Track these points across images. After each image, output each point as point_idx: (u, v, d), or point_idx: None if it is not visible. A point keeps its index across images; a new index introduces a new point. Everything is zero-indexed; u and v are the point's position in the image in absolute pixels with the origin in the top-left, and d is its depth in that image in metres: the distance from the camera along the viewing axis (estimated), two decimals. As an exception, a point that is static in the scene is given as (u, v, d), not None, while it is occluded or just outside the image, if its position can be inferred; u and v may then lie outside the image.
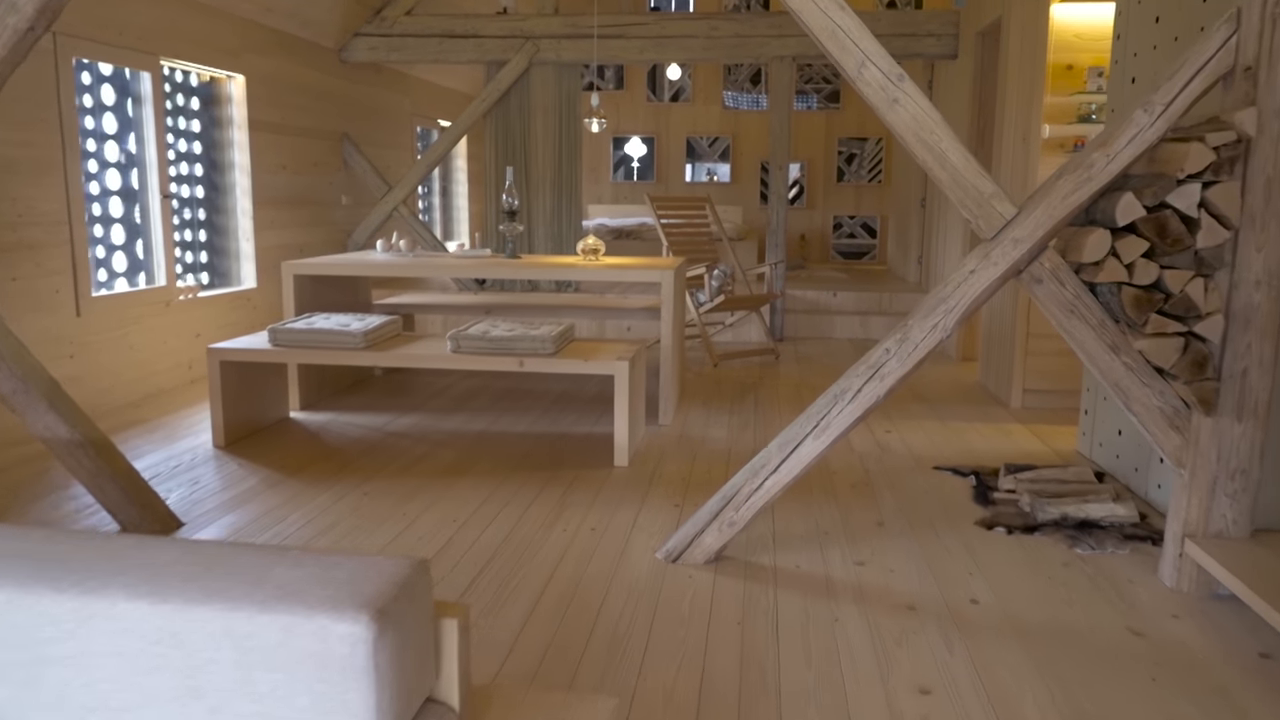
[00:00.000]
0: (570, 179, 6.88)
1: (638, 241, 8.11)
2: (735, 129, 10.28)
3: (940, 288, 2.51)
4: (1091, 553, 2.80)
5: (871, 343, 6.70)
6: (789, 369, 5.73)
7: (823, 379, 5.41)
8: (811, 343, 6.68)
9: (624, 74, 10.30)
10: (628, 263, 4.56)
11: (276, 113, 5.92)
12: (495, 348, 3.69)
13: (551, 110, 6.77)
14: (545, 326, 3.93)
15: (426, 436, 4.06)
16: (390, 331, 4.04)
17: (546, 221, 6.90)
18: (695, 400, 4.84)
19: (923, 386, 5.26)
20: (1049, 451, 3.92)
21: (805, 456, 2.59)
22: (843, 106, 10.08)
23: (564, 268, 4.32)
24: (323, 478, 3.48)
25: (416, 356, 3.72)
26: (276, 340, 3.85)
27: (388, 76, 7.57)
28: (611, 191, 10.53)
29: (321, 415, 4.41)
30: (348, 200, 6.94)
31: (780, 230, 6.64)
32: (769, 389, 5.14)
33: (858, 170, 10.17)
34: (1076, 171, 2.40)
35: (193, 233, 5.55)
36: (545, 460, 3.74)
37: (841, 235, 10.27)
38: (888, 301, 7.09)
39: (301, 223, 6.29)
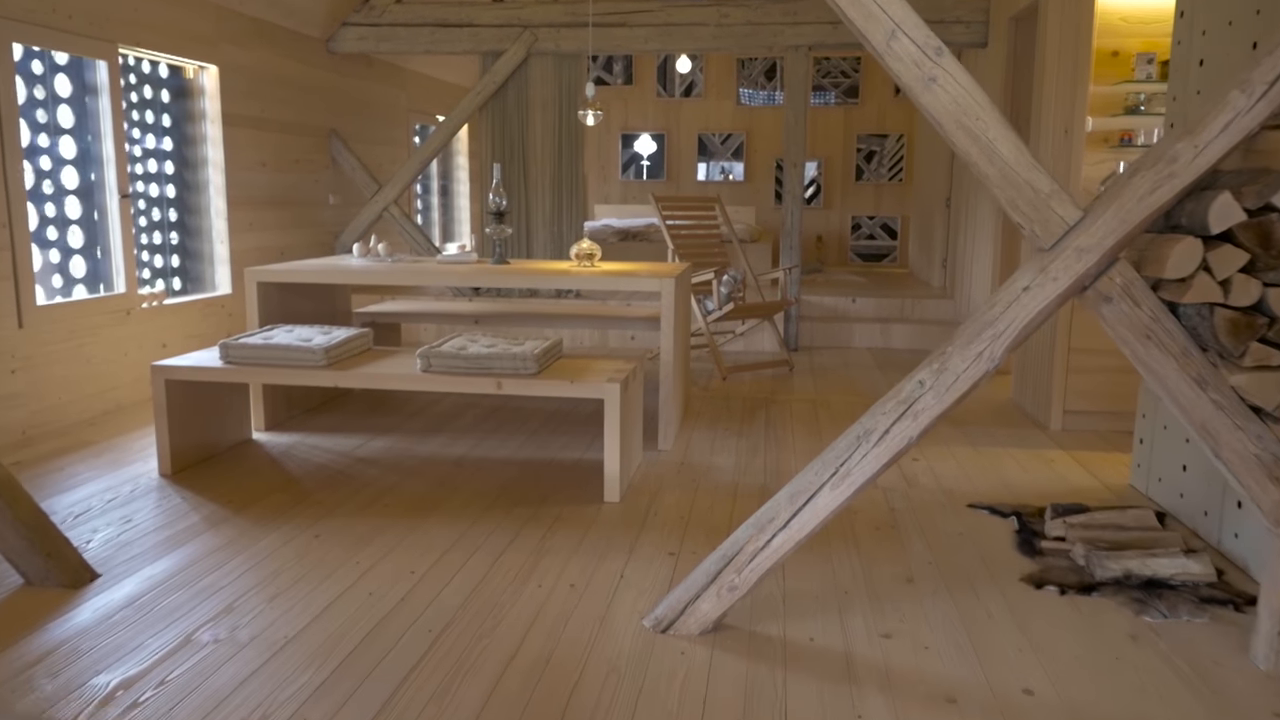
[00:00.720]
0: (571, 177, 6.46)
1: (645, 244, 7.69)
2: (749, 125, 9.83)
3: (986, 309, 2.07)
4: (1163, 621, 2.35)
5: (893, 353, 6.25)
6: (804, 383, 5.28)
7: (841, 395, 4.97)
8: (829, 353, 6.23)
9: (633, 69, 9.87)
10: (625, 269, 4.13)
11: (255, 106, 5.53)
12: (470, 367, 3.27)
13: (551, 104, 6.35)
14: (530, 342, 3.50)
15: (398, 463, 3.65)
16: (357, 346, 3.63)
17: (546, 223, 6.48)
18: (700, 420, 4.40)
19: (950, 404, 4.80)
20: (1098, 486, 3.47)
21: (821, 510, 2.15)
22: (862, 102, 9.61)
23: (554, 275, 3.89)
24: (274, 514, 3.07)
25: (381, 376, 3.31)
26: (228, 357, 3.45)
27: (381, 69, 7.17)
28: (620, 190, 10.10)
29: (287, 437, 4.00)
30: (335, 200, 6.55)
31: (795, 232, 6.19)
32: (782, 407, 4.70)
33: (877, 168, 9.70)
34: (1155, 166, 1.96)
35: (163, 235, 5.17)
36: (527, 493, 3.31)
37: (860, 237, 9.81)
38: (910, 308, 6.63)
39: (283, 224, 5.90)
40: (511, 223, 6.51)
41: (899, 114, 9.57)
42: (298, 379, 3.35)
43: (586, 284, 3.83)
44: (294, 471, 3.53)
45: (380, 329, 5.07)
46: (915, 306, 6.64)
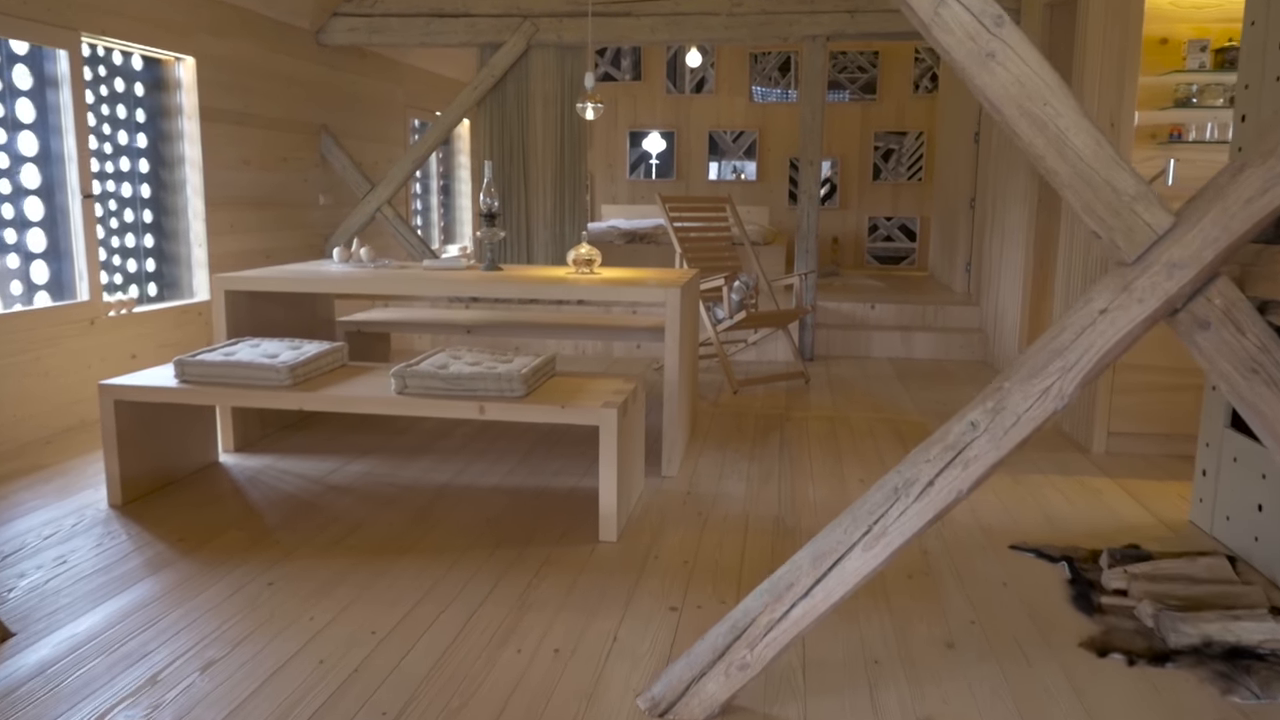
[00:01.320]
0: (574, 176, 6.11)
1: (653, 246, 7.33)
2: (762, 122, 9.46)
3: (1052, 334, 1.71)
4: (1256, 703, 1.98)
5: (915, 364, 5.87)
6: (821, 397, 4.91)
7: (862, 411, 4.59)
8: (846, 363, 5.86)
9: (641, 64, 9.52)
10: (627, 277, 3.78)
11: (237, 100, 5.20)
12: (450, 389, 2.92)
13: (553, 99, 6.00)
14: (519, 359, 3.15)
15: (374, 492, 3.30)
16: (329, 363, 3.28)
17: (547, 224, 6.13)
18: (708, 440, 4.04)
19: (981, 422, 4.43)
20: (1153, 522, 3.09)
21: (851, 576, 1.79)
22: (879, 98, 9.23)
23: (549, 283, 3.54)
24: (227, 555, 2.73)
25: (350, 399, 2.96)
26: (184, 375, 3.10)
27: (375, 63, 6.83)
28: (628, 190, 9.75)
29: (257, 460, 3.66)
30: (326, 200, 6.21)
31: (811, 234, 5.82)
32: (797, 425, 4.33)
33: (895, 167, 9.32)
34: (1266, 163, 1.59)
35: (136, 237, 4.84)
36: (513, 530, 2.96)
37: (877, 238, 9.43)
38: (933, 315, 6.25)
39: (268, 226, 5.57)
40: (510, 225, 6.17)
41: (918, 111, 9.18)
42: (259, 400, 3.01)
43: (584, 294, 3.48)
44: (258, 502, 3.18)
45: (368, 339, 4.73)
46: (938, 313, 6.26)
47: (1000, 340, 5.62)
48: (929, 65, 9.13)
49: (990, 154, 6.10)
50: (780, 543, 2.87)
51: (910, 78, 9.17)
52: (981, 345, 5.98)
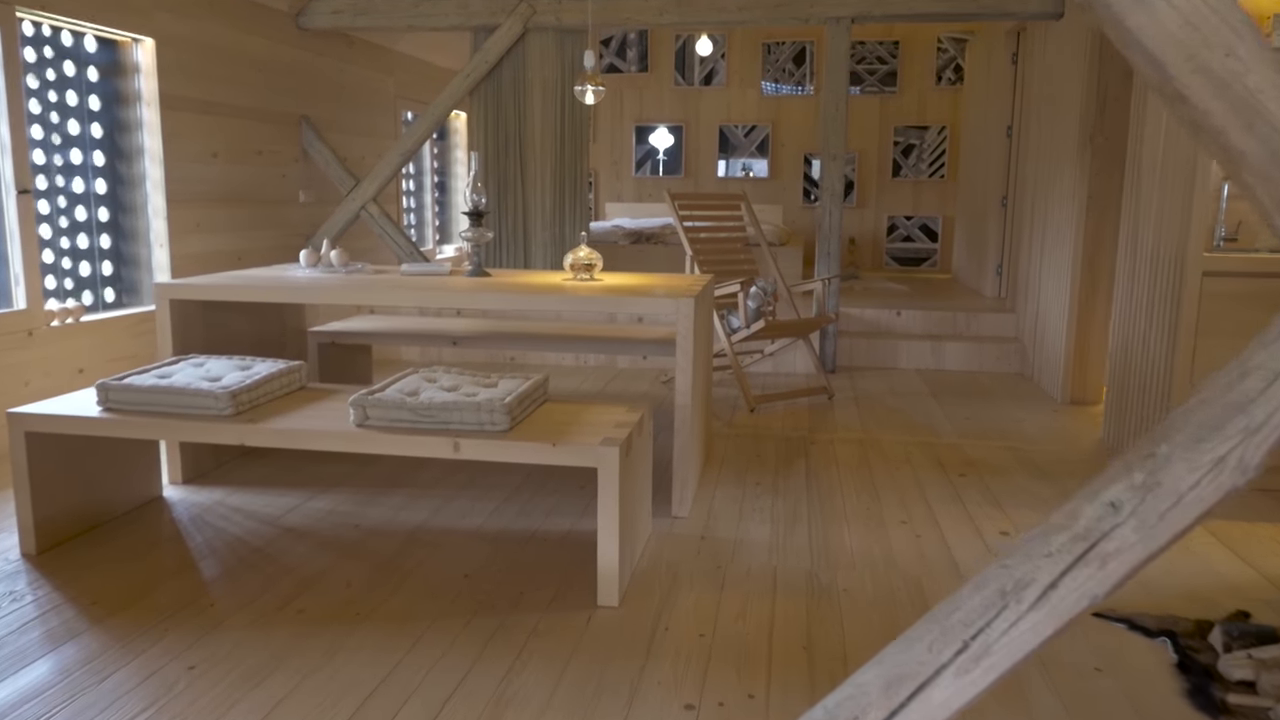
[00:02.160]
0: (575, 172, 5.63)
1: (661, 247, 6.85)
2: (775, 116, 8.97)
3: (1229, 380, 1.21)
4: None
5: (947, 376, 5.38)
6: (847, 415, 4.42)
7: (894, 433, 4.10)
8: (872, 375, 5.36)
9: (648, 55, 9.03)
10: (632, 284, 3.29)
11: (204, 87, 4.73)
12: (419, 421, 2.44)
13: (552, 87, 5.52)
14: (505, 382, 2.67)
15: (335, 537, 2.82)
16: (283, 386, 2.80)
17: (545, 224, 5.65)
18: (725, 470, 3.56)
19: (1029, 446, 3.94)
20: (1259, 580, 2.60)
21: (941, 708, 1.30)
22: (900, 90, 8.73)
23: (541, 293, 3.05)
24: (149, 624, 2.25)
25: (300, 433, 2.47)
26: (109, 401, 2.63)
27: (363, 50, 6.36)
28: (634, 188, 9.27)
29: (207, 493, 3.19)
30: (307, 197, 5.74)
31: (834, 235, 5.33)
32: (824, 449, 3.85)
33: (916, 164, 8.82)
34: None
35: (90, 237, 4.37)
36: (496, 588, 2.48)
37: (896, 239, 8.93)
38: (964, 323, 5.76)
39: (241, 225, 5.10)
40: (505, 224, 5.69)
41: (941, 103, 8.68)
42: (193, 433, 2.53)
43: (582, 305, 2.99)
44: (198, 549, 2.71)
45: (346, 352, 4.26)
46: (970, 321, 5.76)
47: (1042, 350, 5.12)
48: (952, 56, 8.63)
49: (1028, 148, 5.60)
50: (817, 608, 2.39)
51: (932, 69, 8.67)
52: (1018, 356, 5.48)
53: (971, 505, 3.19)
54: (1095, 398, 4.74)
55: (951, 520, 3.04)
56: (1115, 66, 4.46)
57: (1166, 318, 3.45)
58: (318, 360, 4.07)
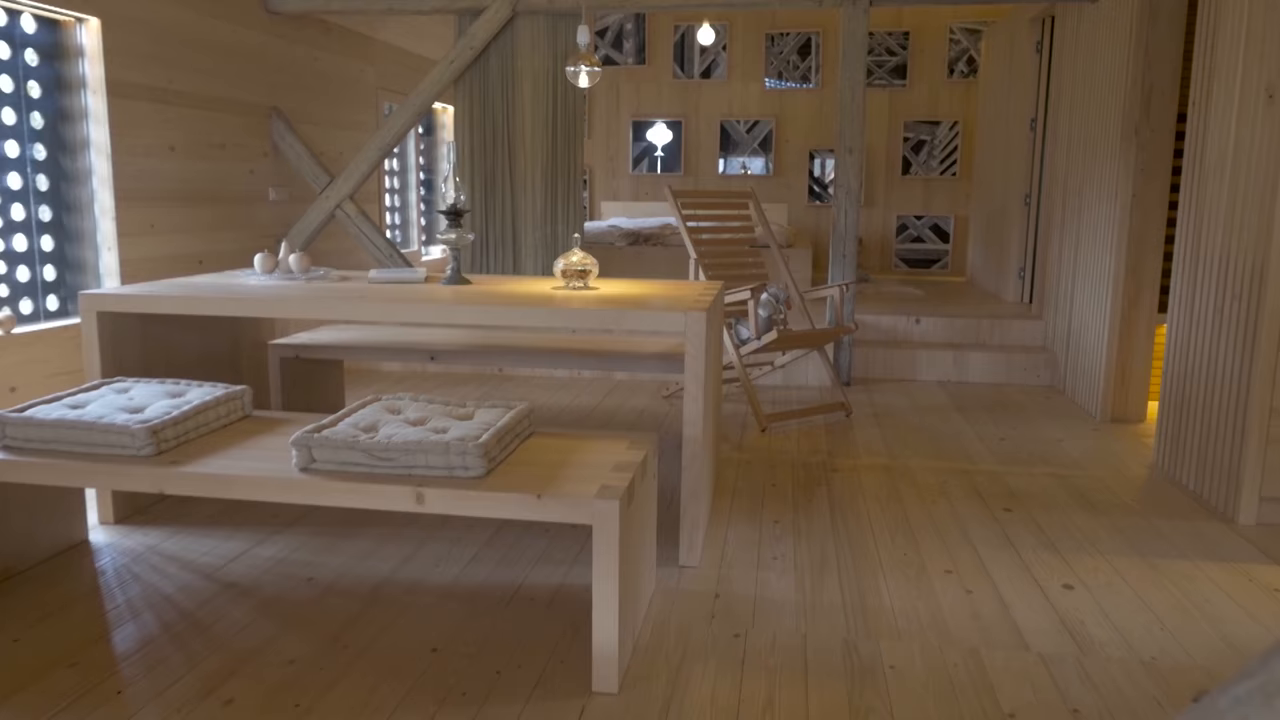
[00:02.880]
0: (568, 168, 5.20)
1: (660, 249, 6.42)
2: (779, 111, 8.54)
3: None
4: None
5: (971, 389, 4.96)
6: (869, 436, 4.00)
7: (924, 458, 3.68)
8: (891, 388, 4.94)
9: (646, 46, 8.60)
10: (632, 294, 2.86)
11: (158, 73, 4.29)
12: (377, 465, 2.01)
13: (543, 76, 5.09)
14: (483, 413, 2.24)
15: (282, 595, 2.39)
16: (218, 418, 2.37)
17: (536, 224, 5.22)
18: (738, 505, 3.13)
19: (1075, 473, 3.52)
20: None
21: None
22: (909, 84, 8.31)
23: (526, 305, 2.62)
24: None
25: (231, 480, 2.04)
26: (5, 439, 2.19)
27: (342, 37, 5.92)
28: (631, 185, 8.84)
29: (141, 535, 2.75)
30: (278, 195, 5.30)
31: (850, 236, 4.90)
32: (847, 477, 3.42)
33: (927, 161, 8.40)
34: None
35: (30, 239, 3.93)
36: (468, 668, 2.05)
37: (906, 239, 8.51)
38: (988, 331, 5.33)
39: (202, 225, 4.66)
40: (494, 225, 5.25)
41: (953, 97, 8.27)
42: (102, 478, 2.09)
43: (575, 320, 2.56)
44: (118, 613, 2.27)
45: (313, 367, 3.82)
46: (994, 329, 5.34)
47: (1077, 361, 4.70)
48: (965, 47, 8.21)
49: (1058, 143, 5.18)
50: (860, 694, 1.96)
51: (944, 61, 8.26)
52: (1049, 367, 5.06)
53: (1024, 549, 2.77)
54: (1138, 415, 4.33)
55: (1004, 569, 2.61)
56: (1162, 54, 4.04)
57: (1240, 332, 3.03)
58: (280, 378, 3.63)
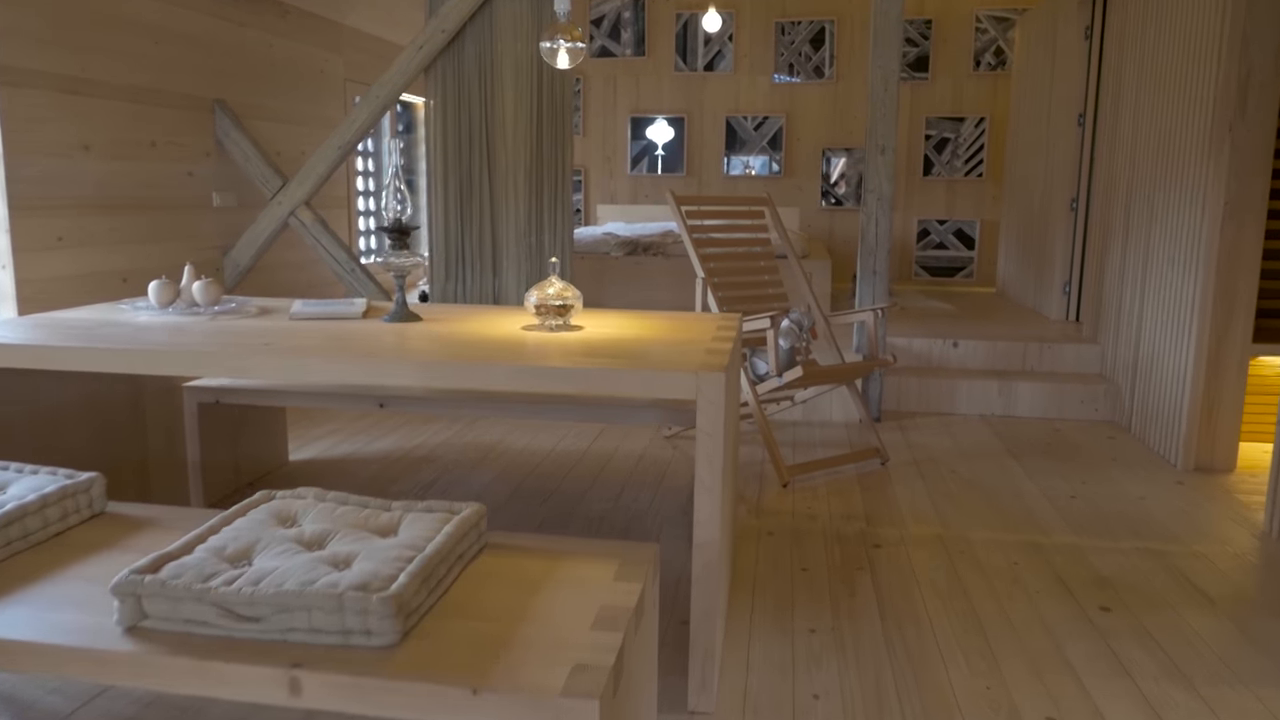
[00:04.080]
0: (556, 169, 4.53)
1: (661, 260, 5.75)
2: (789, 106, 7.87)
3: None
4: None
5: (1021, 426, 4.28)
6: (912, 492, 3.33)
7: (981, 524, 3.01)
8: (928, 425, 4.27)
9: (646, 36, 7.92)
10: (626, 334, 2.19)
11: (67, 60, 3.61)
12: (236, 630, 1.33)
13: (526, 64, 4.42)
14: (412, 523, 1.57)
15: (139, 770, 1.72)
16: (49, 524, 1.69)
17: (520, 234, 4.54)
18: (760, 600, 2.46)
19: (1174, 549, 2.84)
20: None
21: None
22: (932, 77, 7.64)
23: (487, 361, 1.95)
24: None
25: (14, 649, 1.36)
26: None
27: (303, 22, 5.25)
28: (629, 187, 8.16)
29: None
30: (224, 200, 4.63)
31: (882, 250, 4.23)
32: (893, 555, 2.75)
33: (951, 160, 7.72)
34: None
35: (-96, 257, 3.26)
36: None
37: (927, 245, 7.84)
38: (1036, 356, 4.66)
39: (126, 237, 3.99)
40: (470, 236, 4.58)
41: (979, 91, 7.59)
42: None
43: (548, 380, 1.89)
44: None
45: (243, 412, 3.15)
46: (1043, 354, 4.67)
47: (1147, 396, 4.03)
48: (993, 37, 7.54)
49: (1117, 140, 4.51)
50: None
51: (970, 52, 7.58)
52: (1109, 400, 4.39)
53: (1142, 676, 2.10)
54: (1227, 463, 3.66)
55: (1124, 714, 1.94)
56: (1261, 33, 3.37)
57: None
58: (199, 429, 2.97)
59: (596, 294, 5.72)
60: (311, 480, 3.35)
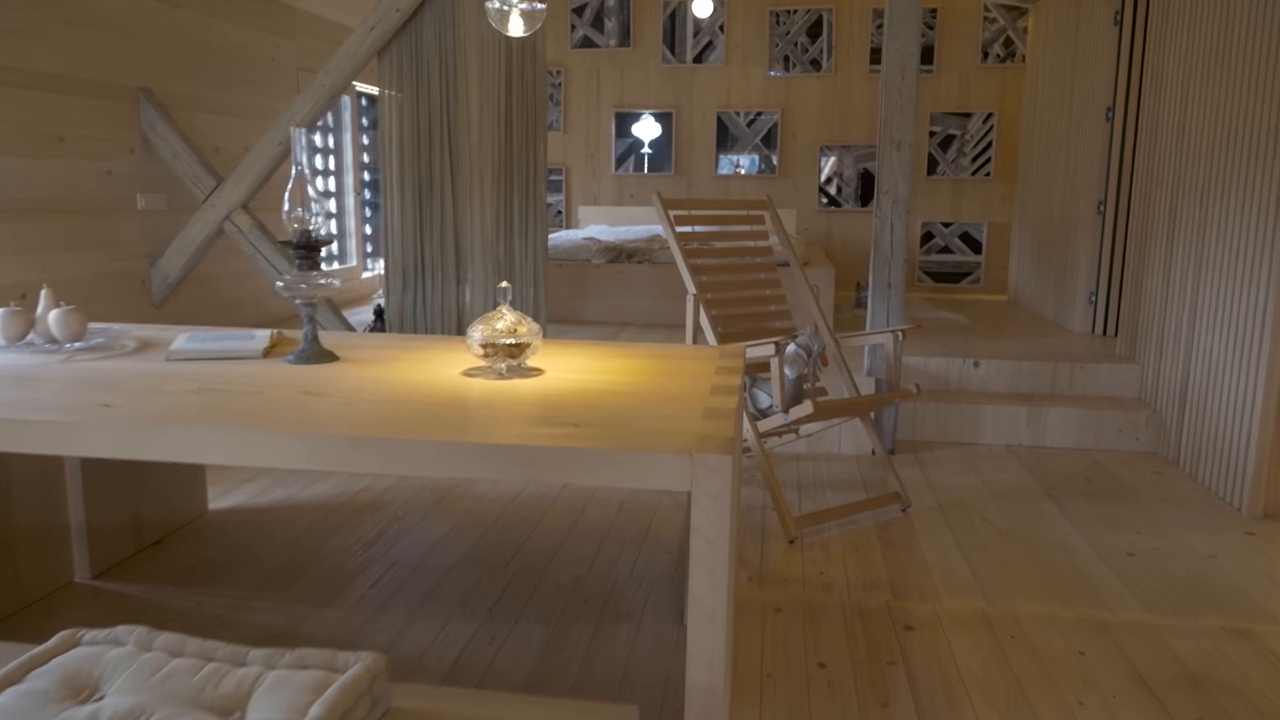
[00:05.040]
0: (528, 168, 4.00)
1: (648, 267, 5.23)
2: (785, 101, 7.36)
3: None
4: None
5: (1055, 459, 3.78)
6: (941, 548, 2.82)
7: (1032, 597, 2.50)
8: (949, 458, 3.76)
9: (630, 25, 7.39)
10: (598, 386, 1.67)
11: (-55, 37, 3.08)
12: None
13: (493, 47, 3.89)
14: (263, 699, 1.04)
15: None
16: None
17: (486, 243, 4.02)
18: (769, 710, 1.94)
19: (1262, 627, 2.34)
20: None
21: None
22: (937, 70, 7.14)
23: (409, 435, 1.43)
24: None
25: None
26: None
27: (247, 4, 4.70)
28: (614, 188, 7.64)
29: None
30: (150, 203, 4.09)
31: (898, 260, 3.73)
32: (932, 642, 2.24)
33: (957, 159, 7.23)
34: None
35: None
36: None
37: (931, 249, 7.34)
38: (1066, 378, 4.16)
39: (30, 245, 3.45)
40: (431, 244, 4.05)
41: (988, 85, 7.10)
42: None
43: (492, 463, 1.37)
44: None
45: (147, 475, 2.62)
46: (1074, 375, 4.17)
47: (1200, 427, 3.53)
48: (1002, 26, 7.04)
49: (1157, 136, 4.01)
50: None
51: (977, 43, 7.09)
52: (1151, 428, 3.89)
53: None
54: (1302, 508, 3.17)
55: None
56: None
57: None
58: (83, 486, 2.43)
59: (576, 307, 5.20)
60: (232, 537, 2.81)
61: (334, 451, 1.39)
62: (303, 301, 1.87)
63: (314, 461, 1.39)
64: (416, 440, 1.38)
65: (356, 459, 1.38)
